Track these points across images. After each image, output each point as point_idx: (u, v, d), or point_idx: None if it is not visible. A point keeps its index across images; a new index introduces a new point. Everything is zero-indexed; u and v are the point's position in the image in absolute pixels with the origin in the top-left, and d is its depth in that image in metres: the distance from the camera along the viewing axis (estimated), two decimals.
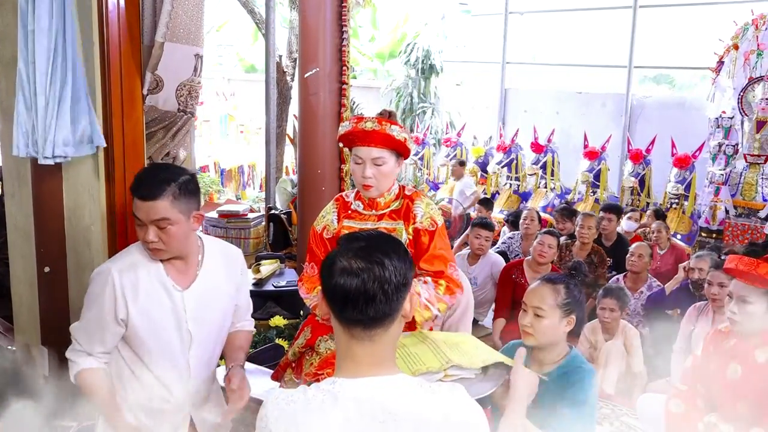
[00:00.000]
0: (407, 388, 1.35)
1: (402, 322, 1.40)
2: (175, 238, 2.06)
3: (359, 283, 1.30)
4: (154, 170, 2.19)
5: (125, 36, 3.03)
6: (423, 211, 2.45)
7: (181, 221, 2.06)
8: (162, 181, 2.03)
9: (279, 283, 4.45)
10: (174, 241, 2.06)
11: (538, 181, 8.55)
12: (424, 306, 2.27)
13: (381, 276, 1.31)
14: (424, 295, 2.29)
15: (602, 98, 9.90)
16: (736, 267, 2.59)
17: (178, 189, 2.04)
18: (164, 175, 2.06)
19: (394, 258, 1.34)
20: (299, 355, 2.50)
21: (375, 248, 1.35)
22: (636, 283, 4.85)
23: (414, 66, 11.97)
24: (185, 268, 2.18)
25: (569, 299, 2.16)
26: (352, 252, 1.34)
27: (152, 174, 2.10)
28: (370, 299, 1.31)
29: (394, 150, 2.40)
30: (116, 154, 3.01)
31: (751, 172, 6.53)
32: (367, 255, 1.33)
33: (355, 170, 2.42)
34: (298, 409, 1.32)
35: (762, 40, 6.50)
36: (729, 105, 6.80)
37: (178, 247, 2.10)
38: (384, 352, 1.38)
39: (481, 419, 1.39)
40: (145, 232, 2.05)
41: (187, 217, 2.08)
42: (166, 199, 2.01)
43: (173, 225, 2.03)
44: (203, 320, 2.19)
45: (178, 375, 2.17)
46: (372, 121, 2.36)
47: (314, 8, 4.22)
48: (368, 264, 1.31)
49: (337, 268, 1.33)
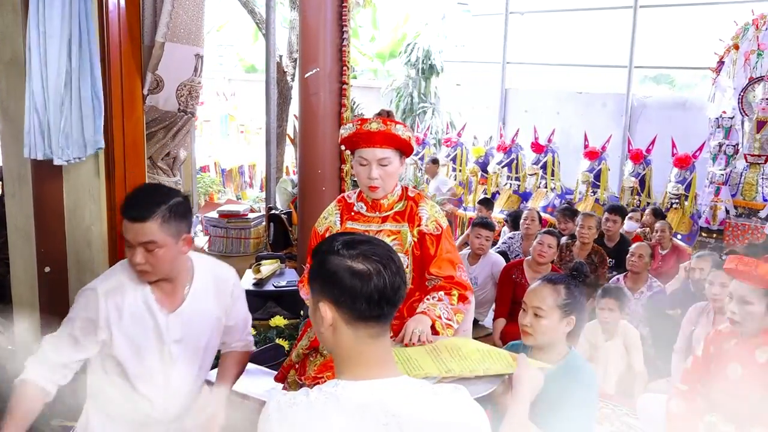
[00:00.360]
0: (410, 390, 1.35)
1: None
2: (162, 262, 2.02)
3: (389, 276, 1.35)
4: (144, 191, 2.13)
5: (126, 36, 3.03)
6: (428, 214, 2.45)
7: (169, 244, 2.01)
8: (152, 202, 1.99)
9: (279, 283, 4.44)
10: (161, 264, 2.03)
11: (539, 181, 8.54)
12: (446, 325, 2.28)
13: (399, 265, 1.38)
14: (444, 316, 2.29)
15: (603, 98, 9.89)
16: (736, 267, 2.59)
17: (168, 211, 2.00)
18: (155, 197, 2.02)
19: (391, 249, 1.43)
20: (303, 356, 2.50)
21: (377, 245, 1.40)
22: (636, 283, 4.85)
23: (414, 66, 11.97)
24: (172, 291, 2.15)
25: (569, 300, 2.16)
26: (363, 254, 1.36)
27: (142, 195, 2.05)
28: (396, 290, 1.36)
29: (399, 149, 2.40)
30: (116, 154, 3.02)
31: (751, 172, 6.53)
32: (376, 252, 1.37)
33: (360, 172, 2.40)
34: (301, 412, 1.32)
35: (762, 40, 6.50)
36: (729, 105, 6.79)
37: (165, 270, 2.07)
38: (386, 352, 1.39)
39: (483, 421, 1.39)
40: (132, 253, 2.01)
41: (176, 240, 2.03)
42: (155, 221, 1.97)
43: (161, 248, 1.99)
44: (187, 343, 2.17)
45: (160, 391, 2.14)
46: (377, 121, 2.36)
47: (315, 8, 4.22)
48: (384, 259, 1.36)
49: (359, 271, 1.34)
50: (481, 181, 9.01)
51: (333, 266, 1.36)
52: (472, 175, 8.94)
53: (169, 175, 3.60)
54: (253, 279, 4.48)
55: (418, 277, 2.46)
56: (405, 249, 2.41)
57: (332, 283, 1.36)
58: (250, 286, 4.41)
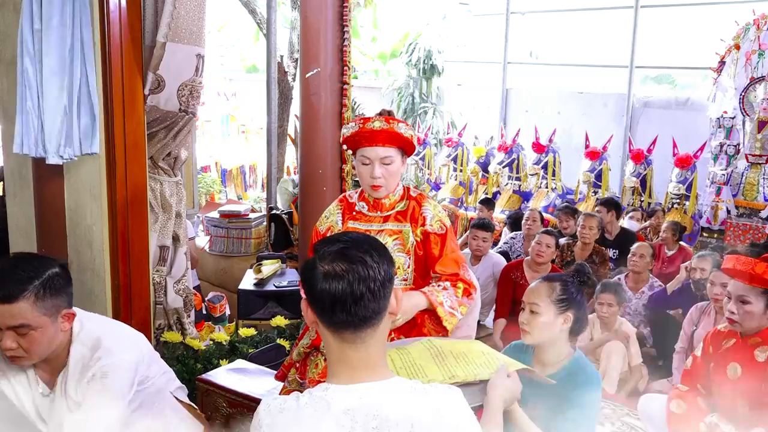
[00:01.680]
0: (401, 393, 1.34)
1: (389, 318, 1.39)
2: (38, 345, 1.76)
3: (345, 285, 1.29)
4: (11, 265, 1.79)
5: (127, 36, 3.03)
6: (432, 213, 2.46)
7: (45, 324, 1.76)
8: (21, 279, 1.73)
9: (280, 283, 4.44)
10: (38, 348, 1.77)
11: (540, 181, 8.53)
12: (449, 313, 2.29)
13: (365, 275, 1.30)
14: (447, 303, 2.30)
15: (604, 98, 9.89)
16: (734, 267, 2.58)
17: (42, 287, 1.74)
18: (25, 271, 1.74)
19: (375, 255, 1.34)
20: (304, 355, 2.50)
21: (353, 248, 1.33)
22: (637, 283, 4.85)
23: (415, 66, 11.96)
24: (50, 370, 1.90)
25: (564, 295, 2.16)
26: (332, 255, 1.32)
27: (8, 270, 1.75)
28: (357, 299, 1.30)
29: (401, 148, 2.40)
30: (117, 154, 3.02)
31: (752, 172, 6.52)
32: (347, 256, 1.32)
33: (363, 171, 2.40)
34: (291, 417, 1.31)
35: (763, 40, 6.49)
36: (730, 105, 6.78)
37: (43, 354, 1.81)
38: (376, 354, 1.37)
39: (472, 424, 1.38)
40: (1, 337, 1.73)
41: (54, 318, 1.78)
42: (27, 300, 1.71)
43: (35, 330, 1.74)
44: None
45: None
46: (379, 120, 2.36)
47: (315, 8, 4.23)
48: (351, 264, 1.31)
49: (320, 273, 1.31)
50: (482, 181, 9.01)
51: (308, 264, 1.36)
52: (473, 175, 8.93)
53: (170, 175, 3.60)
54: (254, 279, 4.48)
55: (420, 277, 2.46)
56: (407, 249, 2.41)
57: (304, 280, 1.36)
58: (251, 286, 4.41)
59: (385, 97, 12.45)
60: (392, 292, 1.38)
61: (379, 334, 1.36)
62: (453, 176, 9.38)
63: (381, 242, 1.43)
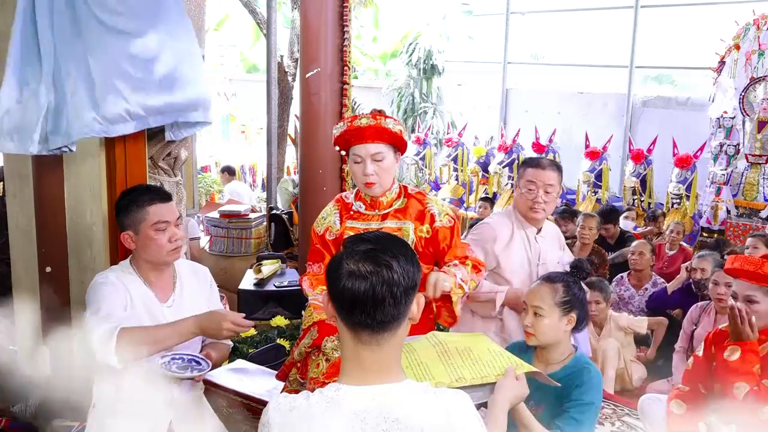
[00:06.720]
0: (412, 396, 1.33)
1: (409, 324, 1.37)
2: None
3: (367, 286, 1.27)
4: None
5: None
6: (438, 209, 2.50)
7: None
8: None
9: (280, 283, 4.44)
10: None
11: None
12: (459, 285, 2.31)
13: (389, 279, 1.28)
14: (459, 275, 2.34)
15: (604, 98, 9.88)
16: (741, 267, 2.58)
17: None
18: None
19: (402, 260, 1.31)
20: (305, 354, 2.50)
21: (382, 250, 1.31)
22: (640, 281, 4.86)
23: (415, 66, 11.97)
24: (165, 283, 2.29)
25: (568, 297, 2.16)
26: (359, 255, 1.30)
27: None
28: (378, 303, 1.28)
29: (392, 144, 2.41)
30: (118, 154, 3.02)
31: (752, 172, 6.52)
32: (375, 258, 1.29)
33: (356, 170, 2.42)
34: (300, 416, 1.31)
35: (763, 40, 6.49)
36: (730, 105, 6.78)
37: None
38: (390, 357, 1.35)
39: (481, 429, 1.37)
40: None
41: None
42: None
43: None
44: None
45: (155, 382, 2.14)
46: (366, 117, 2.38)
47: (316, 8, 4.23)
48: (376, 267, 1.28)
49: (345, 271, 1.30)
50: (482, 181, 9.01)
51: (336, 259, 1.35)
52: (473, 175, 8.94)
53: (170, 174, 3.60)
54: (254, 279, 4.48)
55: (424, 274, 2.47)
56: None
57: (329, 274, 1.35)
58: (251, 286, 4.41)
59: (385, 97, 12.45)
60: (414, 299, 1.35)
61: (396, 339, 1.34)
62: (453, 176, 9.39)
63: (412, 248, 1.40)
